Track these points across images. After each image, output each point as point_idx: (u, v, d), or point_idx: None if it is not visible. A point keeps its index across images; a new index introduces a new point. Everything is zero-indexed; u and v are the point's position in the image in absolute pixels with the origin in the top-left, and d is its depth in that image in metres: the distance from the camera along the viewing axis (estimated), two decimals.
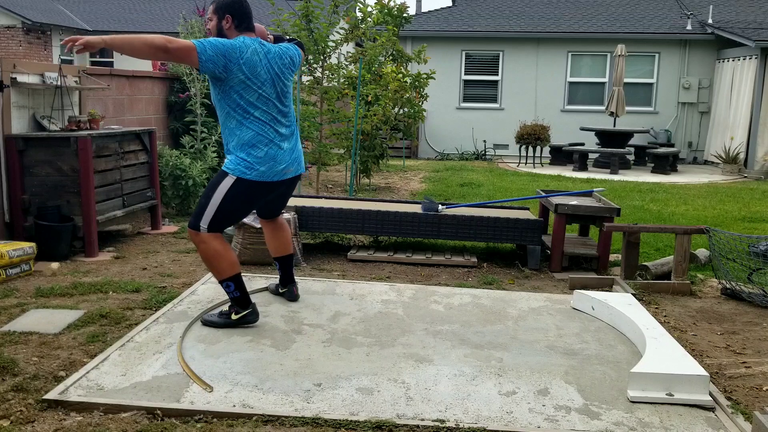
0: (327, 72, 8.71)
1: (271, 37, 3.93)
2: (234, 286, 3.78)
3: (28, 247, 4.93)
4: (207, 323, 3.87)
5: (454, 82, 15.66)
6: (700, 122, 15.25)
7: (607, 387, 3.24)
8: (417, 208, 5.84)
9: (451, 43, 15.60)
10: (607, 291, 4.83)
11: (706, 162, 15.03)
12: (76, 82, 6.13)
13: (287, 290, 4.41)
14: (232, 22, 3.68)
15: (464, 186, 10.28)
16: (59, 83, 5.79)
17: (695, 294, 5.00)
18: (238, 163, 3.68)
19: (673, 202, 9.19)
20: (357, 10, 9.85)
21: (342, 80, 9.37)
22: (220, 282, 3.79)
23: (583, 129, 13.86)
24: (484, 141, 15.55)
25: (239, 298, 3.82)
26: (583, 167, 13.19)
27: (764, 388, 3.35)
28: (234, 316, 3.83)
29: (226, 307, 3.91)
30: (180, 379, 3.14)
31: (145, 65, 10.04)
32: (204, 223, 3.69)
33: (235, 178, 3.67)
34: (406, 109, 10.24)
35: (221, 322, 3.84)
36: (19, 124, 5.47)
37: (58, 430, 2.70)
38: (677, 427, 2.89)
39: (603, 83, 15.43)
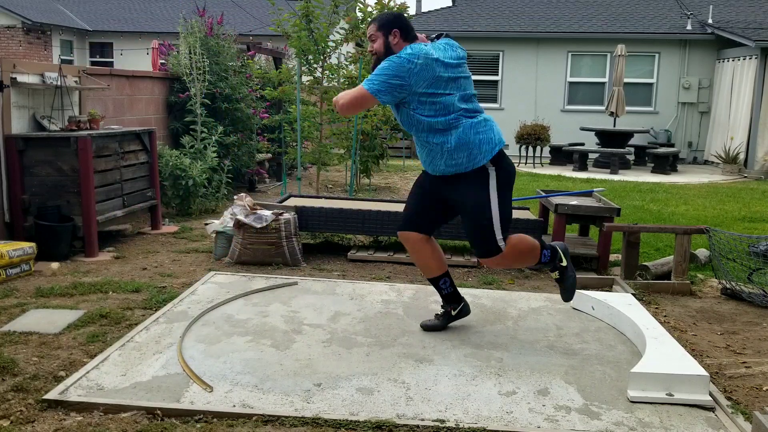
0: (327, 72, 8.71)
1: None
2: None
3: (28, 247, 4.93)
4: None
5: None
6: (700, 122, 15.25)
7: (607, 387, 3.24)
8: None
9: None
10: (607, 291, 4.83)
11: (706, 162, 15.03)
12: (76, 82, 6.13)
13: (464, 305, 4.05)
14: (400, 36, 3.59)
15: None
16: (59, 83, 5.79)
17: (695, 294, 5.00)
18: (479, 151, 3.52)
19: (673, 202, 9.19)
20: (357, 10, 9.84)
21: (342, 80, 9.36)
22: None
23: (583, 129, 13.86)
24: None
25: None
26: (583, 167, 13.18)
27: (764, 388, 3.35)
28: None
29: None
30: (180, 379, 3.14)
31: (144, 65, 10.04)
32: (500, 239, 3.58)
33: (490, 166, 3.54)
34: None
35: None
36: (19, 124, 5.47)
37: (58, 430, 2.70)
38: (677, 427, 2.89)
39: (603, 83, 15.44)
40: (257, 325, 3.89)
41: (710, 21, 15.00)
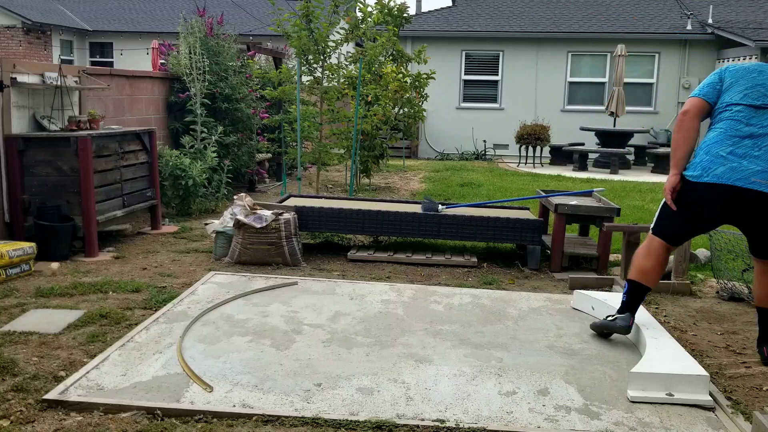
0: (327, 72, 8.71)
1: None
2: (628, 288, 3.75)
3: (28, 247, 4.93)
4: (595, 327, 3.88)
5: (454, 82, 15.66)
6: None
7: (607, 387, 3.24)
8: (417, 208, 5.84)
9: (451, 43, 15.60)
10: (607, 291, 4.83)
11: None
12: (76, 82, 6.13)
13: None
14: None
15: (464, 186, 10.28)
16: (59, 83, 5.79)
17: (695, 294, 5.00)
18: None
19: None
20: (357, 10, 9.85)
21: (342, 80, 9.37)
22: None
23: (583, 129, 13.86)
24: (484, 141, 15.54)
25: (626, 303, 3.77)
26: (583, 167, 13.18)
27: (764, 388, 3.35)
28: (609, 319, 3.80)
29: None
30: (180, 379, 3.14)
31: (144, 65, 10.03)
32: None
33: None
34: (406, 109, 10.24)
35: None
36: (19, 124, 5.47)
37: (58, 430, 2.70)
38: (677, 427, 2.89)
39: (603, 83, 15.43)
40: (257, 325, 3.89)
41: (710, 21, 15.00)
